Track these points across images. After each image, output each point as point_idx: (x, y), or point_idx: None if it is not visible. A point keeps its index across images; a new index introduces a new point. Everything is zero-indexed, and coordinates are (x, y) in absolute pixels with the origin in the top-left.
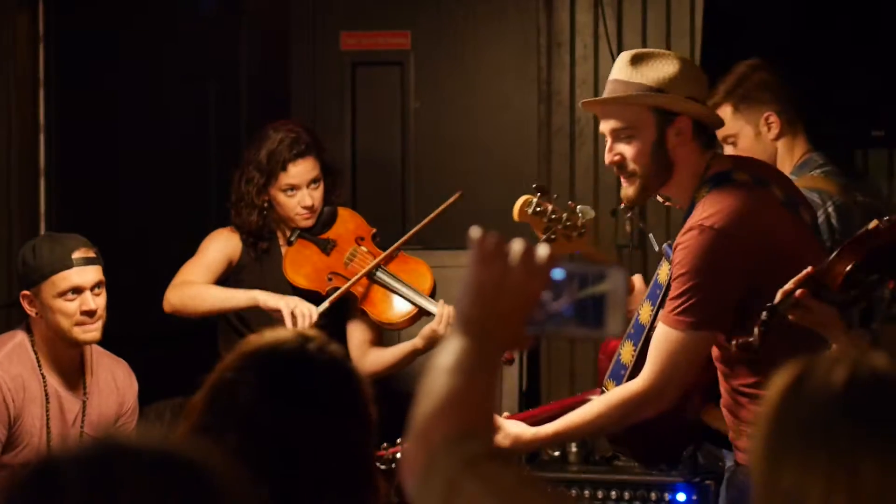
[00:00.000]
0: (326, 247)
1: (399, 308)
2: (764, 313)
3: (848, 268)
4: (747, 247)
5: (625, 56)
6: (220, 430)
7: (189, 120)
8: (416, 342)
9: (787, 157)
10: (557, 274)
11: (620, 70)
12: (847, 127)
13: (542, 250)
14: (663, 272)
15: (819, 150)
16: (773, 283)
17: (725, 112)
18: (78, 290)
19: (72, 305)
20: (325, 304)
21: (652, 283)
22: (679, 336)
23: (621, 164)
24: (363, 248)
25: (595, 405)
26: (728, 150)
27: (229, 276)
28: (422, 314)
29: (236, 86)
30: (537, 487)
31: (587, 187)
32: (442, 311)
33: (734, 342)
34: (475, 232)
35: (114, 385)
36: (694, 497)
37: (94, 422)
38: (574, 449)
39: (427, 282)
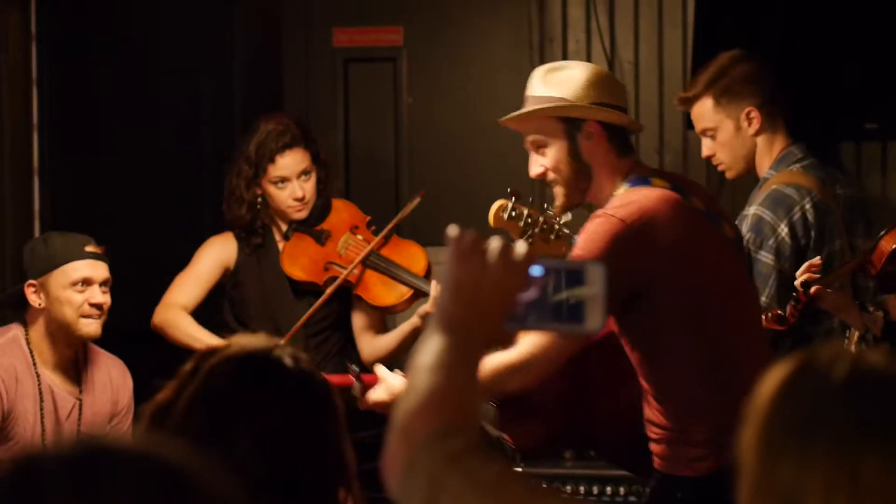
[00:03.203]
0: (321, 237)
1: (395, 291)
2: (798, 291)
3: (893, 247)
4: (643, 240)
5: (537, 71)
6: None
7: (183, 117)
8: (414, 321)
9: (767, 152)
10: (536, 270)
11: (531, 85)
12: (840, 119)
13: (521, 247)
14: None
15: (798, 143)
16: (668, 284)
17: (706, 104)
18: (88, 282)
19: (80, 297)
20: (297, 325)
21: None
22: None
23: (544, 175)
24: (358, 237)
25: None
26: (706, 143)
27: (228, 281)
28: (418, 295)
29: (230, 83)
30: (519, 482)
31: None
32: (437, 291)
33: (768, 314)
34: (452, 230)
35: (109, 383)
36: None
37: (88, 420)
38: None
39: (421, 262)
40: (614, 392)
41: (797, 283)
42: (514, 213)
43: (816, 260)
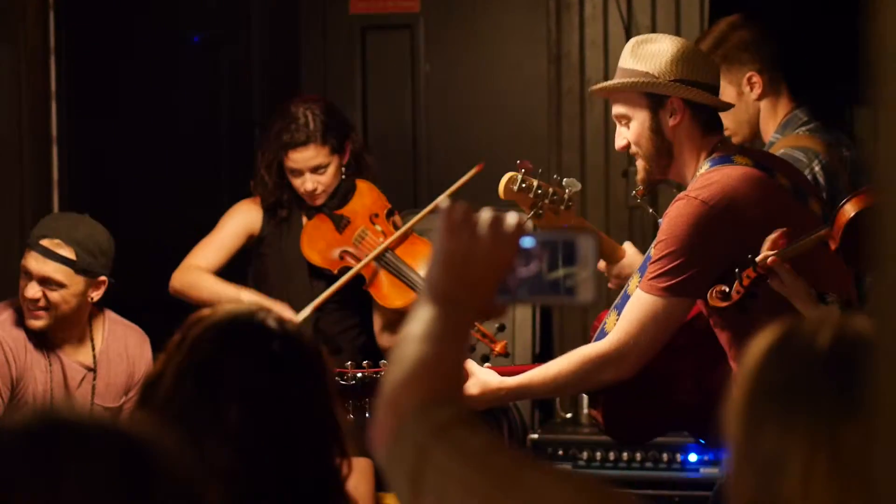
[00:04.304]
0: (340, 223)
1: (404, 294)
2: (746, 268)
3: (849, 218)
4: (730, 220)
5: (630, 42)
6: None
7: (200, 85)
8: None
9: (771, 116)
10: (528, 242)
11: (623, 57)
12: (846, 84)
13: (511, 218)
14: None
15: (802, 106)
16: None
17: None
18: (28, 275)
19: (22, 284)
20: (307, 311)
21: (645, 256)
22: (651, 300)
23: (627, 148)
24: (377, 227)
25: (557, 361)
26: None
27: (251, 248)
28: None
29: (247, 51)
30: (506, 453)
31: (598, 148)
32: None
33: (713, 291)
34: (444, 202)
35: (125, 353)
36: (706, 458)
37: (102, 391)
38: (585, 411)
39: None
40: (704, 374)
41: (758, 257)
42: (523, 185)
43: (780, 233)
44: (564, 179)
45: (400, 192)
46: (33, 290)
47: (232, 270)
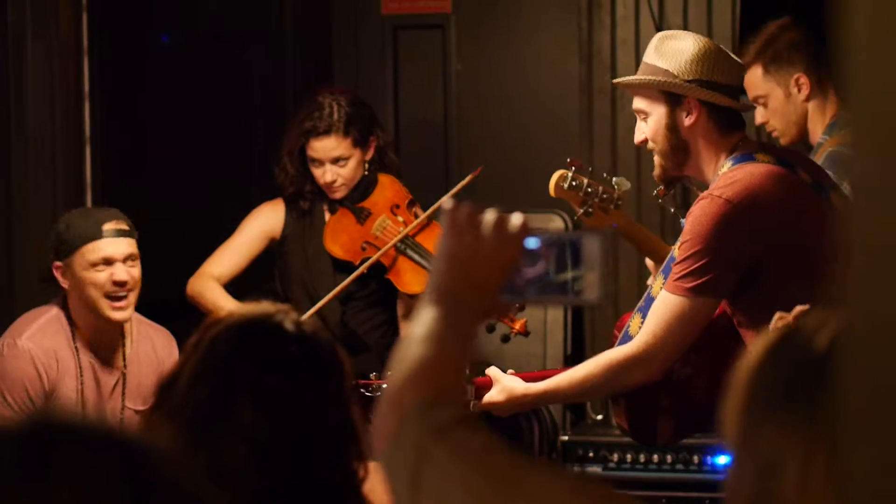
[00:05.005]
0: (362, 215)
1: (423, 281)
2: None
3: None
4: (754, 218)
5: (656, 36)
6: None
7: (232, 85)
8: None
9: (819, 117)
10: (533, 242)
11: (647, 51)
12: None
13: (516, 219)
14: (678, 246)
15: None
16: (780, 261)
17: (756, 73)
18: (109, 262)
19: (101, 276)
20: (326, 300)
21: (668, 257)
22: (677, 301)
23: (644, 143)
24: (398, 217)
25: (584, 365)
26: (759, 111)
27: (274, 249)
28: None
29: (280, 51)
30: (505, 454)
31: (629, 148)
32: None
33: None
34: (448, 203)
35: (153, 355)
36: None
37: (133, 394)
38: None
39: None
40: (725, 373)
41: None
42: (573, 184)
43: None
44: (614, 178)
45: (431, 191)
46: (122, 272)
47: (256, 269)
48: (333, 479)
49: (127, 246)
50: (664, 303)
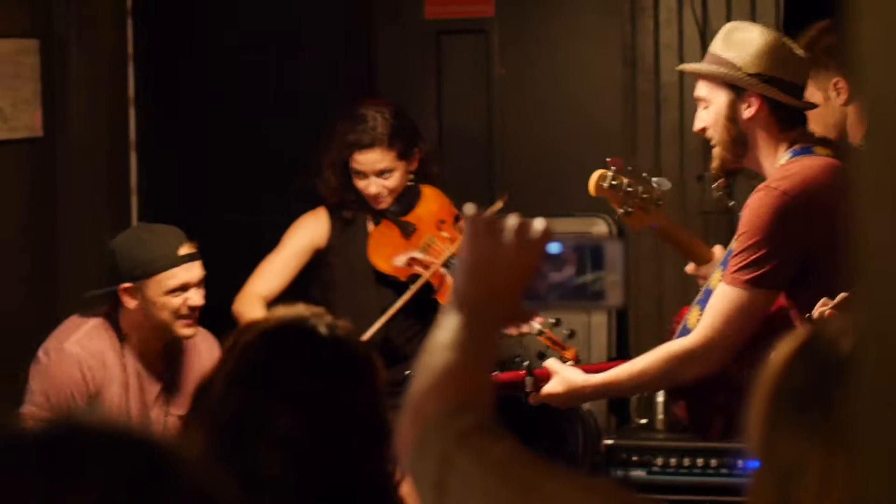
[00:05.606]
0: (407, 230)
1: None
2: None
3: None
4: (810, 210)
5: (725, 26)
6: (231, 405)
7: (275, 90)
8: None
9: (858, 121)
10: (554, 248)
11: (715, 41)
12: None
13: (537, 225)
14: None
15: None
16: (838, 254)
17: None
18: (185, 287)
19: (177, 301)
20: (379, 324)
21: (727, 249)
22: (735, 293)
23: (703, 132)
24: (443, 233)
25: (642, 358)
26: None
27: (319, 260)
28: None
29: (323, 56)
30: (527, 461)
31: (672, 152)
32: None
33: None
34: (468, 209)
35: (197, 359)
36: None
37: (178, 400)
38: (661, 416)
39: None
40: None
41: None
42: (613, 183)
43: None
44: (654, 178)
45: (474, 196)
46: (197, 298)
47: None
48: (370, 482)
49: (200, 270)
50: (722, 295)
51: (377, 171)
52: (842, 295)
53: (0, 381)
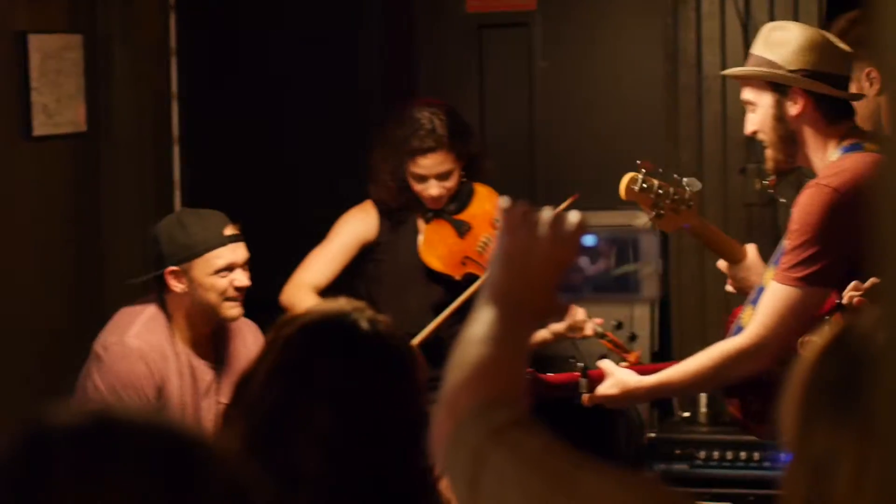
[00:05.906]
0: (462, 228)
1: None
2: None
3: None
4: (859, 207)
5: (764, 28)
6: (271, 399)
7: (317, 85)
8: (544, 333)
9: (892, 111)
10: (590, 240)
11: (755, 43)
12: None
13: (573, 217)
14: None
15: None
16: None
17: None
18: (231, 268)
19: (223, 282)
20: (433, 325)
21: (778, 247)
22: (788, 291)
23: (754, 135)
24: None
25: (695, 358)
26: None
27: (366, 255)
28: None
29: (366, 51)
30: (562, 455)
31: (715, 145)
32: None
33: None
34: (504, 202)
35: (244, 351)
36: None
37: (226, 389)
38: (704, 410)
39: None
40: None
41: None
42: (644, 186)
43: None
44: (685, 179)
45: (516, 190)
46: (243, 278)
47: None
48: (409, 478)
49: (245, 251)
50: (774, 293)
51: (438, 173)
52: (872, 280)
53: (47, 372)
